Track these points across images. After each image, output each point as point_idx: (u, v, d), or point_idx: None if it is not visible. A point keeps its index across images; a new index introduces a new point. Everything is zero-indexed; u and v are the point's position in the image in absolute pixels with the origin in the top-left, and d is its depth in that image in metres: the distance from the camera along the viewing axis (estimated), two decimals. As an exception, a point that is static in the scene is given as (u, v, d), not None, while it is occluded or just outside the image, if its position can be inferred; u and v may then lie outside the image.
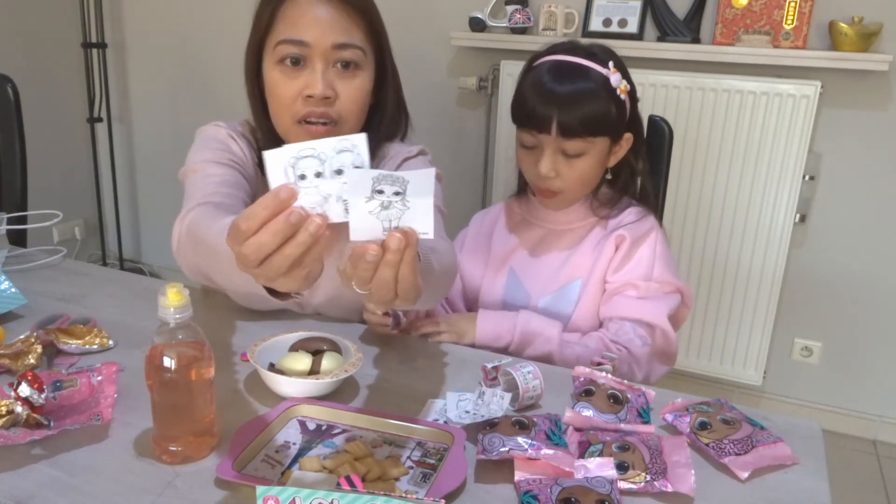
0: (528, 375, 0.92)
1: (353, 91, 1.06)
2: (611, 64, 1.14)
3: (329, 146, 0.62)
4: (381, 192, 0.62)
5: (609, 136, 1.15)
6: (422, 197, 0.62)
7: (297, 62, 1.04)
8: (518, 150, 1.20)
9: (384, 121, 1.17)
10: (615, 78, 1.13)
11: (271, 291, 0.77)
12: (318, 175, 0.62)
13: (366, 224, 0.62)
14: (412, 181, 0.61)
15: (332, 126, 1.06)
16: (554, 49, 1.18)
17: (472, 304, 1.30)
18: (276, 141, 1.14)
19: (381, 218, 0.62)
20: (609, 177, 1.22)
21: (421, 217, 0.63)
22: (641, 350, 1.14)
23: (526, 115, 1.13)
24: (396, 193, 0.62)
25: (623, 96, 1.14)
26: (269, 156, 0.62)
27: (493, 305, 1.26)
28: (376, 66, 1.11)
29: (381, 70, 1.13)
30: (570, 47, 1.16)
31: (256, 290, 0.76)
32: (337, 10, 1.03)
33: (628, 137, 1.18)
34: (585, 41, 1.19)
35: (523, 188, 1.29)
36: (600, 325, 1.20)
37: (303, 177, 0.62)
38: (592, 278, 1.19)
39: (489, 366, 0.97)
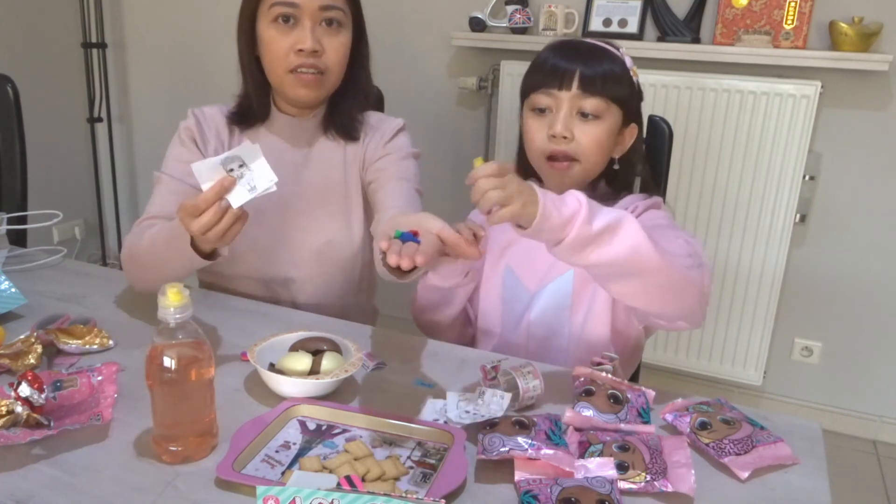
0: (528, 376, 0.92)
1: (337, 45, 1.22)
2: (622, 49, 1.17)
3: (237, 152, 0.94)
4: (231, 170, 0.94)
5: (623, 110, 1.15)
6: (256, 160, 0.94)
7: (287, 20, 1.19)
8: (528, 122, 1.16)
9: (362, 77, 1.31)
10: (629, 60, 1.16)
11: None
12: (241, 166, 0.95)
13: (237, 194, 0.95)
14: (243, 154, 0.94)
15: (319, 75, 1.22)
16: (565, 41, 1.21)
17: (471, 301, 1.29)
18: (264, 91, 1.29)
19: (244, 185, 0.95)
20: (616, 167, 1.20)
21: (264, 173, 0.95)
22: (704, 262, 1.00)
23: (546, 73, 1.13)
24: (241, 166, 0.95)
25: (635, 78, 1.17)
26: (197, 168, 0.94)
27: (493, 302, 1.26)
28: (354, 29, 1.26)
29: (358, 32, 1.28)
30: (581, 39, 1.22)
31: (189, 268, 1.08)
32: None
33: (633, 128, 1.18)
34: (590, 40, 1.21)
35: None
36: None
37: (231, 170, 0.95)
38: None
39: (488, 366, 0.97)
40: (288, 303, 1.31)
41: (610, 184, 1.22)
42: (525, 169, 1.24)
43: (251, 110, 1.30)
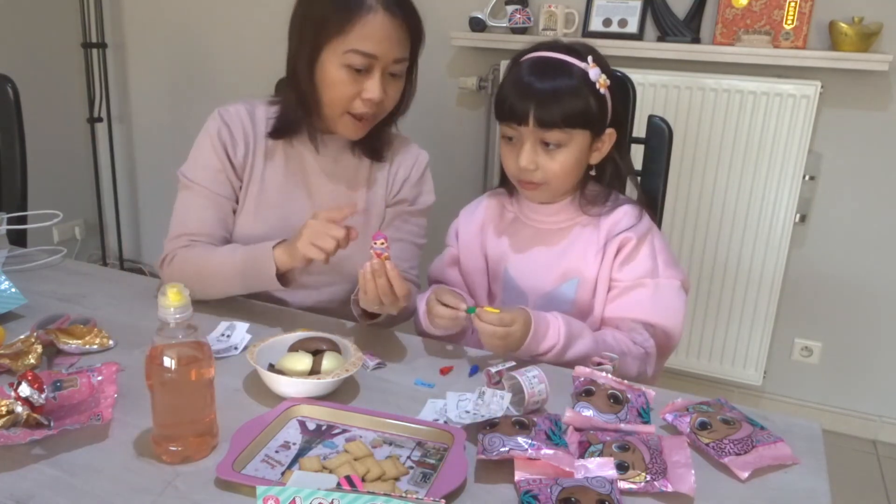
0: (533, 380, 0.92)
1: (395, 93, 1.24)
2: (590, 58, 1.15)
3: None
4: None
5: (589, 130, 1.16)
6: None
7: (360, 69, 1.17)
8: (501, 145, 1.22)
9: (401, 107, 1.30)
10: (594, 72, 1.14)
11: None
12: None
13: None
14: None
15: (372, 118, 1.23)
16: (537, 47, 1.20)
17: (478, 302, 1.30)
18: (308, 109, 1.24)
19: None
20: (593, 173, 1.22)
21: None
22: (654, 350, 1.16)
23: (506, 110, 1.16)
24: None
25: (603, 90, 1.15)
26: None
27: (495, 306, 1.27)
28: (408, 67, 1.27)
29: (410, 69, 1.28)
30: (552, 45, 1.19)
31: (248, 289, 1.18)
32: (400, 27, 1.18)
33: (611, 133, 1.19)
34: (568, 39, 1.21)
35: (513, 185, 1.28)
36: (601, 321, 1.20)
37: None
38: (590, 278, 1.19)
39: (493, 370, 0.97)
40: (294, 305, 1.31)
41: (600, 180, 1.24)
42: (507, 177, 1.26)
43: (291, 125, 1.28)
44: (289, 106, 1.27)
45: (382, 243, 1.03)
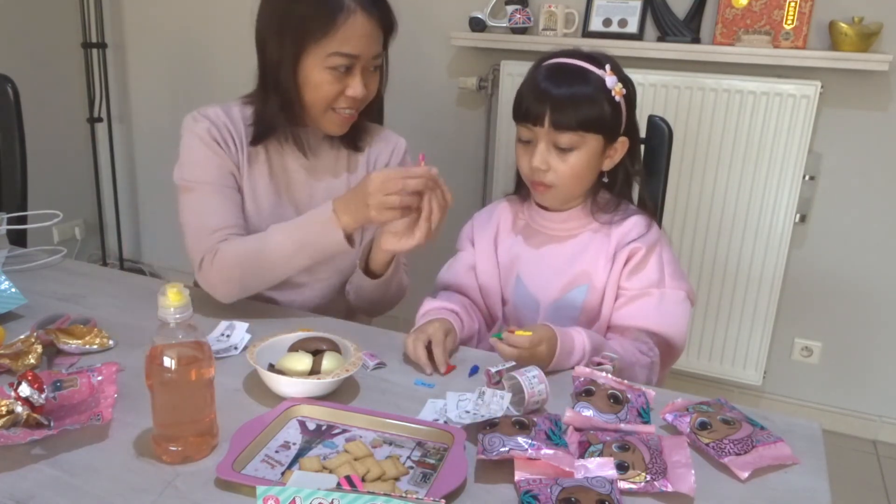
0: (533, 380, 0.92)
1: (374, 86, 1.27)
2: (607, 67, 1.18)
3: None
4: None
5: (602, 135, 1.17)
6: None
7: (343, 69, 1.20)
8: (516, 146, 1.24)
9: (377, 98, 1.32)
10: (610, 80, 1.16)
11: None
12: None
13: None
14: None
15: (355, 112, 1.26)
16: (558, 54, 1.22)
17: (491, 308, 1.30)
18: (288, 112, 1.25)
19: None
20: (605, 180, 1.23)
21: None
22: (658, 360, 1.17)
23: (523, 111, 1.18)
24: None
25: (618, 98, 1.17)
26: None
27: (506, 313, 1.29)
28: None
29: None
30: (572, 52, 1.21)
31: (313, 261, 1.18)
32: (376, 26, 1.21)
33: (623, 141, 1.20)
34: (588, 48, 1.22)
35: (527, 190, 1.29)
36: (607, 328, 1.21)
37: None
38: (600, 285, 1.20)
39: (493, 370, 0.97)
40: (284, 304, 1.32)
41: (611, 189, 1.24)
42: (521, 183, 1.28)
43: (273, 129, 1.28)
44: (268, 110, 1.25)
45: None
